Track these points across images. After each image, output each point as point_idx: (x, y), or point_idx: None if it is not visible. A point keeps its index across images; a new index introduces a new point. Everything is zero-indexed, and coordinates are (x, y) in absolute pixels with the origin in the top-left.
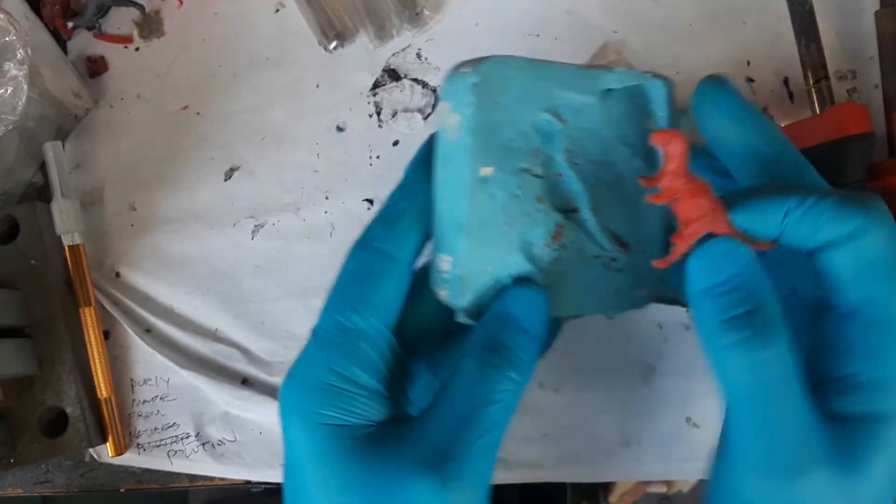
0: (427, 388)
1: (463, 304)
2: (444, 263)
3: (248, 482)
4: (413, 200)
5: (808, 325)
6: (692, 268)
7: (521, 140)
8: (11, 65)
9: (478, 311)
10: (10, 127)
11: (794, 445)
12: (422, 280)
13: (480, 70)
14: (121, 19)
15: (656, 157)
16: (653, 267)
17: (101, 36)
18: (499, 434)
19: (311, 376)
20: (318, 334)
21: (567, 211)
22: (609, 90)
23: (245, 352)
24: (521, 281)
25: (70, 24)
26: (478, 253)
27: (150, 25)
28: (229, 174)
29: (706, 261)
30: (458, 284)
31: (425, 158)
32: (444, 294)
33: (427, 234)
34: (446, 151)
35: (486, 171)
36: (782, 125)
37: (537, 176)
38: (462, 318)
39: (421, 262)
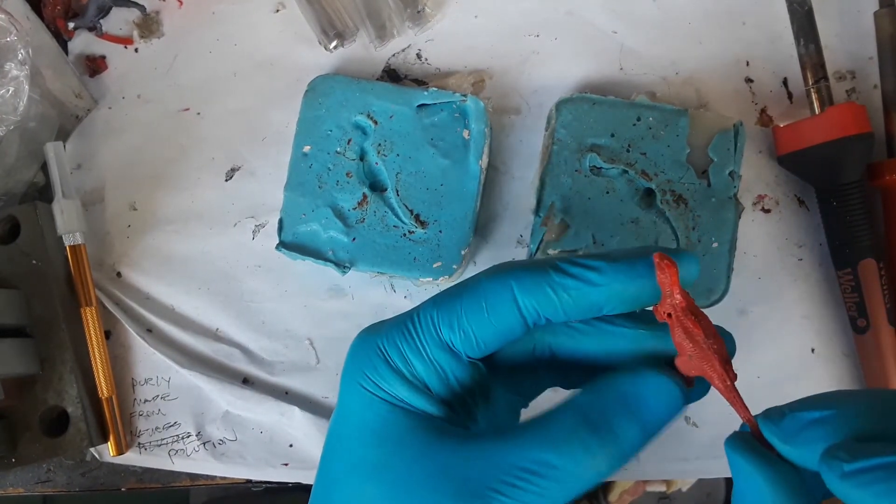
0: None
1: (283, 238)
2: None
3: (249, 481)
4: None
5: None
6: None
7: (338, 131)
8: (12, 65)
9: (293, 245)
10: (12, 127)
11: None
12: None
13: (312, 82)
14: (121, 20)
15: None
16: (450, 244)
17: (102, 36)
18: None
19: (377, 343)
20: (414, 314)
21: (378, 189)
22: (425, 104)
23: (246, 351)
24: (662, 367)
25: (71, 25)
26: (294, 203)
27: (150, 26)
28: (230, 174)
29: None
30: (280, 224)
31: None
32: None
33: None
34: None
35: (307, 148)
36: (781, 126)
37: (351, 159)
38: (278, 248)
39: None
